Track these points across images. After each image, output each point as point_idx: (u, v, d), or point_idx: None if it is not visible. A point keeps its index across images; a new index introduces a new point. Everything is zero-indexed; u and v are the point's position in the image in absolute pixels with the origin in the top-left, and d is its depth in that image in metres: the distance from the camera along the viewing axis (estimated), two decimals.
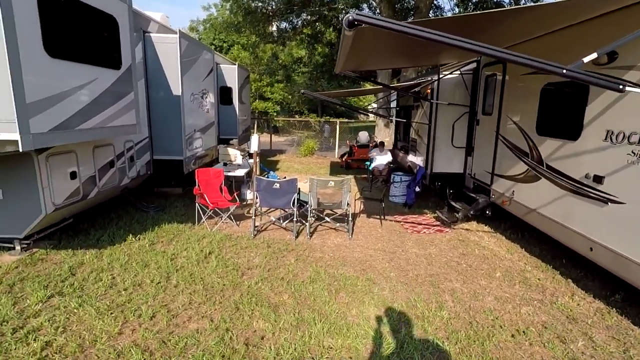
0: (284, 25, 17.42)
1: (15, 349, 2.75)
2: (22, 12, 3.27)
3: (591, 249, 3.88)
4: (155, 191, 7.47)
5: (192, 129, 7.41)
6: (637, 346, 3.14)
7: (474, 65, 6.71)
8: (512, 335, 3.23)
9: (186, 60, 6.87)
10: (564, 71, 2.47)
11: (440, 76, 6.84)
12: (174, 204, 6.83)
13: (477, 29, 3.93)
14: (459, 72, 6.79)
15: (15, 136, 3.29)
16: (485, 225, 6.30)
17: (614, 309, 3.71)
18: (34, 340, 2.85)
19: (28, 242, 4.40)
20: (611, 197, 3.66)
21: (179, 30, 6.64)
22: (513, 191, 5.36)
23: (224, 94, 10.62)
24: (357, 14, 2.20)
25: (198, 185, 5.80)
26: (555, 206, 4.46)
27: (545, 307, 3.72)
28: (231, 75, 10.60)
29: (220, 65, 10.49)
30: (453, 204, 6.69)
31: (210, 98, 8.53)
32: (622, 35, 2.69)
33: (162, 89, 6.68)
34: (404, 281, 4.18)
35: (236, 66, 10.76)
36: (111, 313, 3.26)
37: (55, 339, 2.88)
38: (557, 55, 4.29)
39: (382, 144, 9.97)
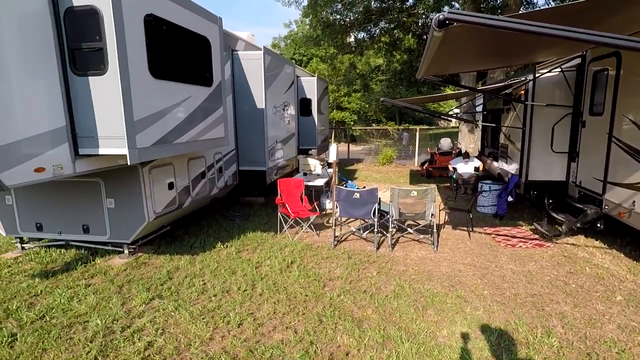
0: (361, 35, 17.52)
1: (123, 347, 3.04)
2: (132, 38, 3.70)
3: None
4: (240, 200, 7.92)
5: (274, 140, 7.74)
6: None
7: (578, 60, 5.93)
8: None
9: (269, 75, 7.22)
10: None
11: (537, 75, 6.18)
12: (257, 212, 7.15)
13: (589, 19, 3.45)
14: (560, 70, 6.06)
15: (124, 151, 3.71)
16: (597, 240, 5.46)
17: None
18: (139, 339, 3.12)
19: (134, 247, 4.93)
20: None
21: (264, 47, 7.01)
22: (634, 201, 4.56)
23: (304, 106, 10.93)
24: (449, 12, 2.04)
25: (280, 195, 5.99)
26: None
27: None
28: (310, 87, 10.89)
29: (300, 77, 10.84)
30: (554, 215, 5.94)
31: (291, 110, 8.85)
32: None
33: (247, 103, 7.10)
34: (500, 300, 3.77)
35: (315, 78, 11.04)
36: (203, 318, 3.45)
37: (156, 340, 3.12)
38: None
39: (467, 154, 9.08)
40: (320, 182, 7.34)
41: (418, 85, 19.49)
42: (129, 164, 3.75)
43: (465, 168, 8.34)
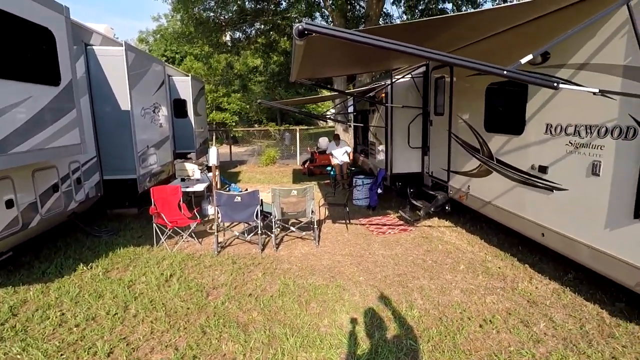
0: (237, 35, 17.21)
1: None
2: None
3: (543, 235, 4.12)
4: (109, 213, 7.04)
5: (144, 144, 7.08)
6: (591, 321, 3.36)
7: (423, 68, 6.96)
8: (480, 326, 3.34)
9: (134, 74, 6.57)
10: (505, 72, 2.60)
11: (393, 80, 7.03)
12: (130, 225, 6.46)
13: (424, 35, 4.07)
14: (410, 76, 7.02)
15: None
16: (446, 221, 6.51)
17: (568, 288, 3.96)
18: None
19: None
20: (555, 185, 3.91)
21: (125, 43, 6.34)
22: (469, 186, 5.58)
23: (178, 107, 10.28)
24: (307, 24, 2.18)
25: (154, 204, 5.53)
26: (508, 197, 4.69)
27: (508, 294, 3.89)
28: (185, 87, 10.30)
29: (173, 77, 10.16)
30: (414, 202, 6.87)
31: (164, 112, 8.22)
32: (552, 37, 2.89)
33: (109, 104, 6.33)
34: (374, 284, 4.20)
35: (189, 78, 10.47)
36: (61, 354, 2.98)
37: None
38: (497, 57, 4.55)
39: (336, 136, 9.71)
40: (200, 187, 7.01)
41: (296, 86, 20.18)
42: None
43: (339, 153, 9.35)
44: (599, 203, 3.41)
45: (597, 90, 2.92)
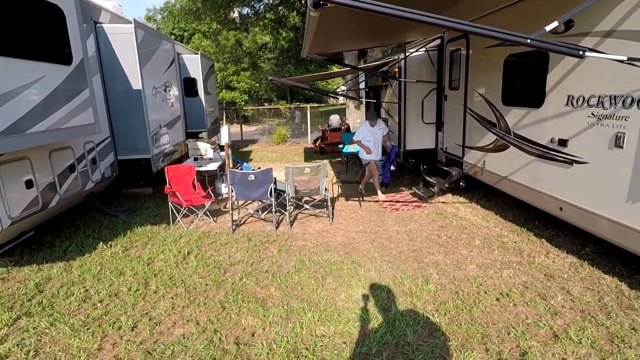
0: (245, 10, 16.84)
1: None
2: None
3: (561, 209, 4.05)
4: (124, 193, 7.16)
5: (157, 124, 7.09)
6: (610, 294, 3.33)
7: (438, 41, 6.73)
8: (497, 299, 3.34)
9: (144, 52, 6.51)
10: (528, 41, 2.49)
11: (407, 54, 6.83)
12: (145, 205, 6.57)
13: (442, 3, 3.91)
14: (425, 49, 6.80)
15: None
16: (460, 197, 6.45)
17: (586, 261, 3.93)
18: None
19: None
20: (576, 158, 3.81)
21: (134, 20, 6.26)
22: (484, 161, 5.48)
23: (189, 86, 10.20)
24: None
25: (169, 184, 5.59)
26: (525, 172, 4.60)
27: (524, 268, 3.88)
28: (194, 65, 10.19)
29: (182, 55, 10.04)
30: (428, 178, 6.80)
31: (174, 91, 8.18)
32: (575, 5, 2.74)
33: (120, 84, 6.31)
34: (389, 259, 4.22)
35: (199, 55, 10.34)
36: (87, 329, 3.08)
37: None
38: (515, 27, 4.35)
39: (372, 114, 6.56)
40: (213, 166, 7.04)
41: (306, 63, 19.82)
42: None
43: (372, 143, 6.47)
44: (622, 175, 3.31)
45: (625, 58, 2.78)
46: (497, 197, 6.05)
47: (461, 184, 6.33)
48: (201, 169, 6.90)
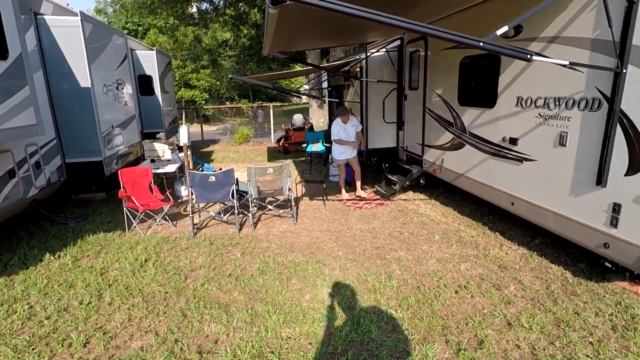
0: (204, 6, 16.32)
1: None
2: None
3: (512, 204, 4.28)
4: (74, 199, 6.72)
5: (109, 124, 6.71)
6: (556, 281, 3.58)
7: (398, 42, 6.88)
8: (456, 292, 3.48)
9: (93, 47, 6.11)
10: (481, 44, 2.59)
11: (368, 54, 6.92)
12: (98, 211, 6.20)
13: (402, 5, 3.98)
14: (385, 50, 6.93)
15: None
16: (421, 194, 6.65)
17: (535, 252, 4.19)
18: None
19: None
20: (525, 156, 4.04)
21: (80, 12, 5.86)
22: (442, 159, 5.68)
23: (144, 84, 9.74)
24: None
25: (123, 187, 5.31)
26: (480, 169, 4.81)
27: (480, 261, 4.06)
28: (150, 62, 9.73)
29: (136, 51, 9.56)
30: (390, 177, 6.94)
31: (128, 89, 7.77)
32: (524, 11, 2.89)
33: (66, 81, 5.89)
34: (353, 258, 4.26)
35: (154, 52, 9.90)
36: (33, 349, 2.84)
37: None
38: (470, 31, 4.52)
39: (343, 110, 6.40)
40: (171, 168, 6.78)
41: (268, 61, 19.59)
42: None
43: (342, 146, 6.32)
44: (565, 172, 3.56)
45: (567, 63, 2.97)
46: (455, 194, 6.29)
47: (421, 181, 6.52)
48: (159, 171, 6.62)
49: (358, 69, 7.27)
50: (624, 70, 2.95)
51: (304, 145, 9.89)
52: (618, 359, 2.59)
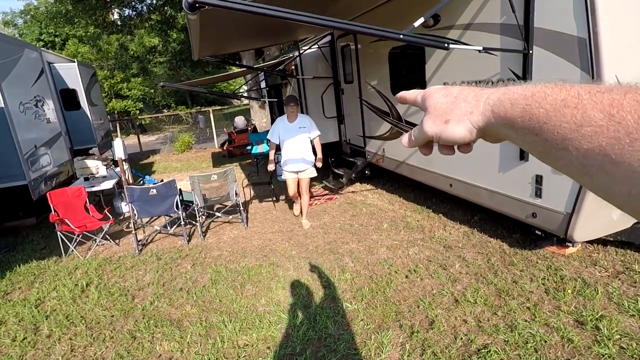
0: (127, 12, 15.37)
1: None
2: None
3: (451, 185, 4.55)
4: (0, 228, 6.09)
5: (32, 144, 6.12)
6: (495, 254, 3.85)
7: (329, 38, 6.98)
8: (406, 276, 3.63)
9: (2, 63, 5.55)
10: (401, 36, 2.71)
11: (301, 52, 6.96)
12: (29, 238, 5.68)
13: (323, 2, 4.04)
14: (317, 46, 7.00)
15: None
16: (367, 184, 6.84)
17: (475, 229, 4.47)
18: None
19: None
20: None
21: None
22: (384, 149, 5.89)
23: (68, 98, 9.02)
24: None
25: (54, 210, 4.90)
26: (419, 155, 5.03)
27: (427, 244, 4.27)
28: (72, 75, 9.02)
29: (55, 64, 8.82)
30: (336, 171, 7.06)
31: (49, 105, 7.15)
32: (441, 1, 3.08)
33: None
34: (306, 256, 4.29)
35: (76, 64, 9.19)
36: None
37: None
38: (396, 22, 4.73)
39: (291, 99, 5.01)
40: (107, 184, 6.36)
41: (203, 65, 18.95)
42: None
43: (292, 144, 5.03)
44: (493, 151, 3.84)
45: (481, 48, 3.20)
46: (399, 181, 6.55)
47: (367, 172, 6.71)
48: (94, 189, 6.19)
49: (293, 67, 7.29)
50: (531, 52, 3.25)
51: (249, 147, 9.74)
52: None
